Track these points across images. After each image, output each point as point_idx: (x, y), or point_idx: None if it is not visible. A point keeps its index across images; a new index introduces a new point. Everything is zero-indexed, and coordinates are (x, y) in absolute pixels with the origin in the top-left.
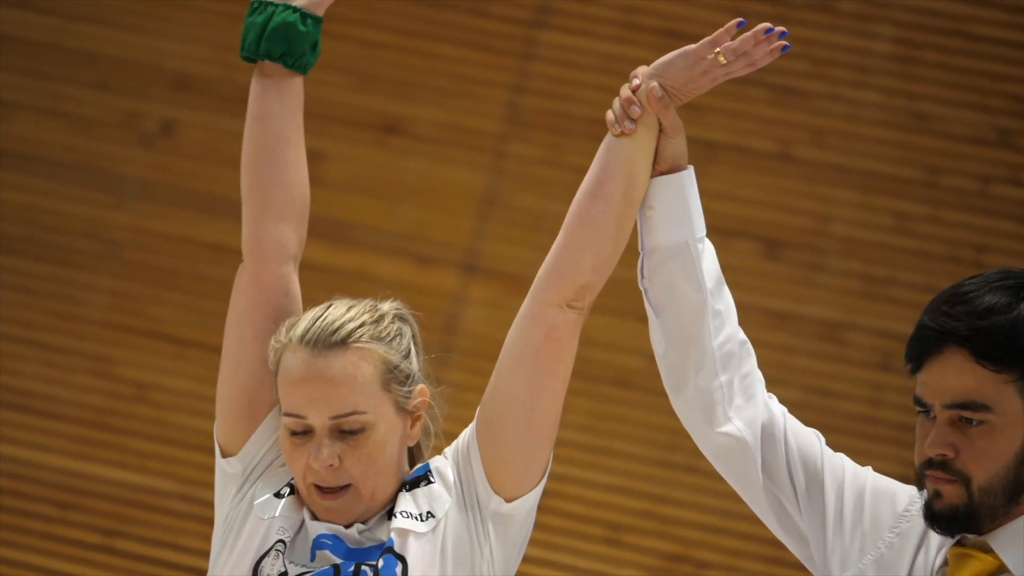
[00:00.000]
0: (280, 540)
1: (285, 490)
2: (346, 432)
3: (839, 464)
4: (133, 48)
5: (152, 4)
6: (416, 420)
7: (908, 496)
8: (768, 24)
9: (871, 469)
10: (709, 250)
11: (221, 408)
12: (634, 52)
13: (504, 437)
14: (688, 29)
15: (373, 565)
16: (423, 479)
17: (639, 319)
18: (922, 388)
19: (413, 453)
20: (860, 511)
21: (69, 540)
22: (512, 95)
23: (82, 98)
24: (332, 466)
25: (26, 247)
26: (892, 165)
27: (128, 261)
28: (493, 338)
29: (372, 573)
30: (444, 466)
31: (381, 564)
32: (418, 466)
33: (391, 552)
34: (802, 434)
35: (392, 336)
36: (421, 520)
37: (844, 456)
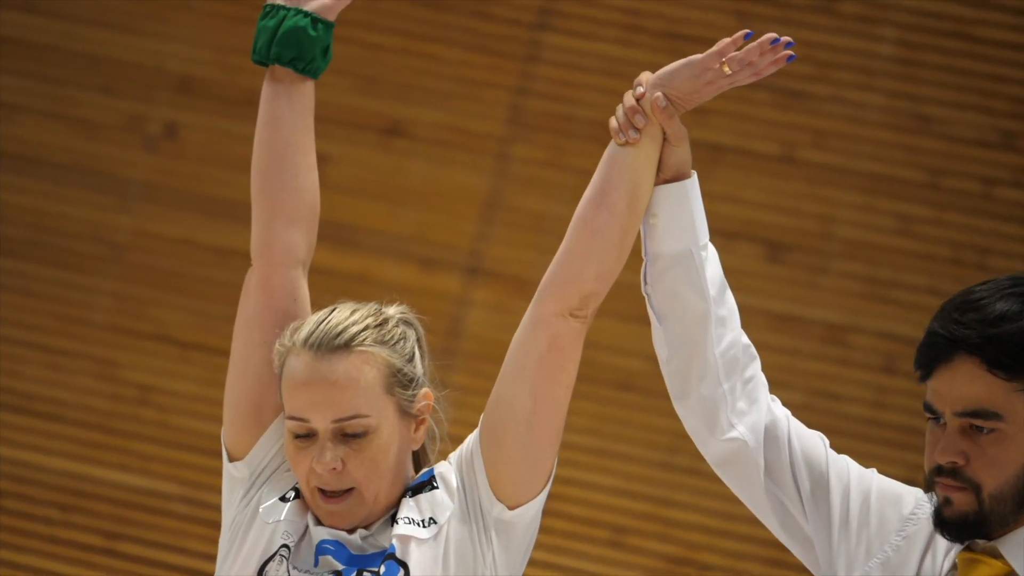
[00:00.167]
0: (284, 545)
1: (290, 494)
2: (349, 436)
3: (844, 466)
4: (136, 51)
5: (155, 7)
6: (420, 424)
7: (914, 499)
8: (774, 34)
9: (876, 471)
10: (712, 256)
11: (228, 412)
12: (637, 54)
13: (507, 444)
14: (691, 31)
15: (375, 571)
16: (427, 485)
17: (642, 322)
18: (932, 395)
19: (418, 457)
20: (866, 514)
21: (72, 543)
22: (515, 97)
23: (85, 101)
24: (335, 469)
25: (29, 250)
26: (895, 167)
27: (131, 264)
28: (496, 340)
29: None
30: (448, 472)
31: (383, 570)
32: (423, 471)
33: (393, 558)
34: (806, 437)
35: (396, 340)
36: (423, 526)
37: (848, 458)
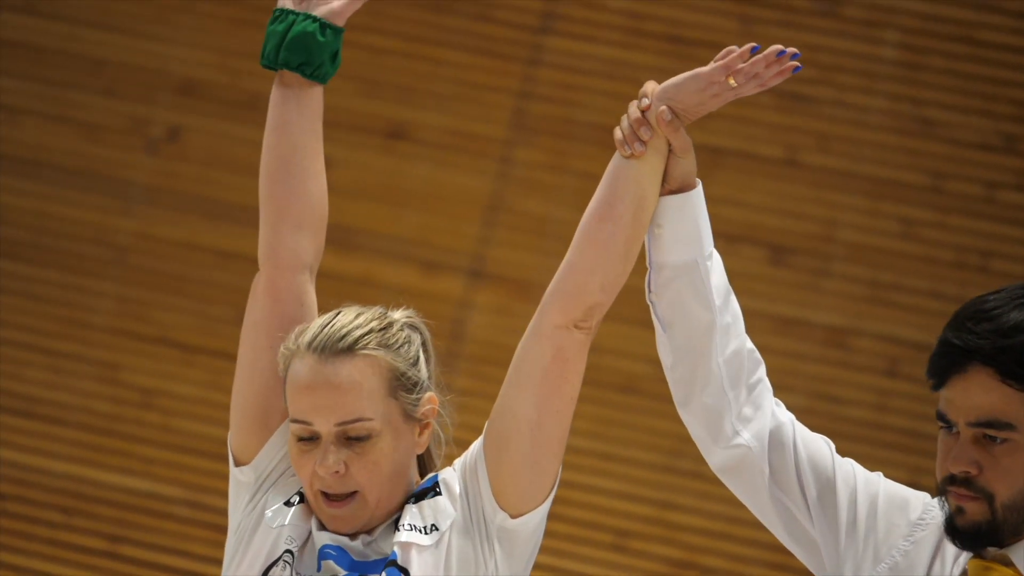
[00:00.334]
0: (288, 550)
1: (295, 498)
2: (352, 439)
3: (850, 470)
4: (139, 54)
5: (157, 9)
6: (424, 428)
7: (922, 504)
8: (780, 47)
9: (881, 475)
10: (717, 264)
11: (235, 416)
12: (639, 58)
13: (510, 454)
14: (693, 35)
15: None
16: (430, 491)
17: (646, 326)
18: (945, 404)
19: (423, 461)
20: (874, 518)
21: (75, 546)
22: (518, 101)
23: (88, 104)
24: (338, 472)
25: (32, 252)
26: (898, 171)
27: (134, 267)
28: (499, 344)
29: None
30: (452, 478)
31: None
32: (427, 477)
33: (394, 565)
34: (811, 441)
35: (400, 344)
36: (425, 533)
37: (853, 462)
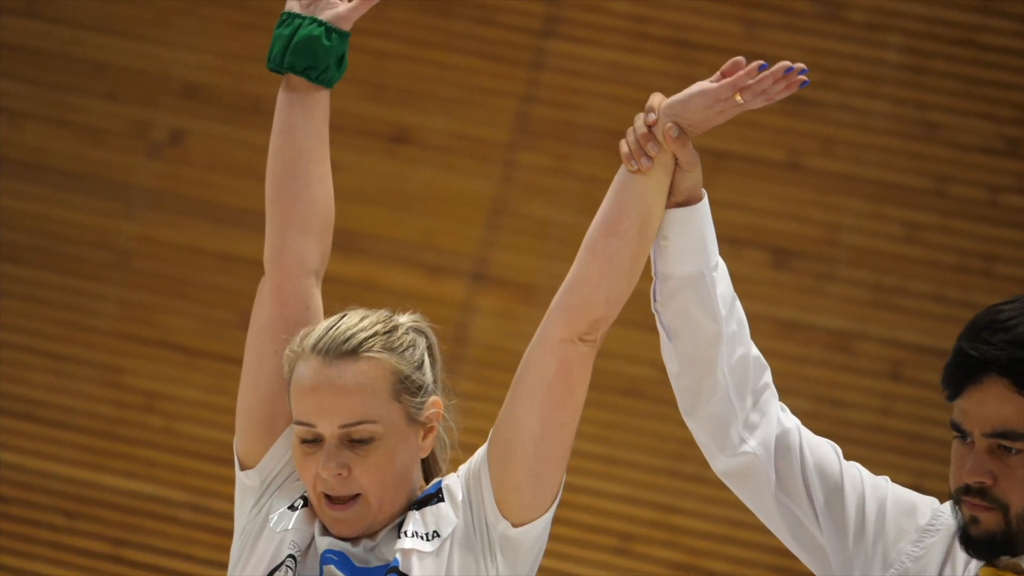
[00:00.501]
0: (291, 555)
1: (299, 502)
2: (355, 441)
3: (857, 475)
4: (141, 57)
5: (160, 13)
6: (428, 432)
7: (931, 509)
8: (787, 63)
9: (888, 479)
10: (723, 273)
11: (240, 421)
12: (643, 62)
13: (513, 464)
14: (697, 39)
15: None
16: (433, 497)
17: (650, 330)
18: (960, 415)
19: (429, 465)
20: (882, 523)
21: (77, 549)
22: (521, 104)
23: (90, 107)
24: (341, 475)
25: (34, 256)
26: (902, 175)
27: (136, 270)
28: (502, 347)
29: None
30: (455, 485)
31: None
32: (432, 483)
33: (396, 572)
34: (818, 447)
35: (405, 347)
36: (427, 539)
37: (860, 466)
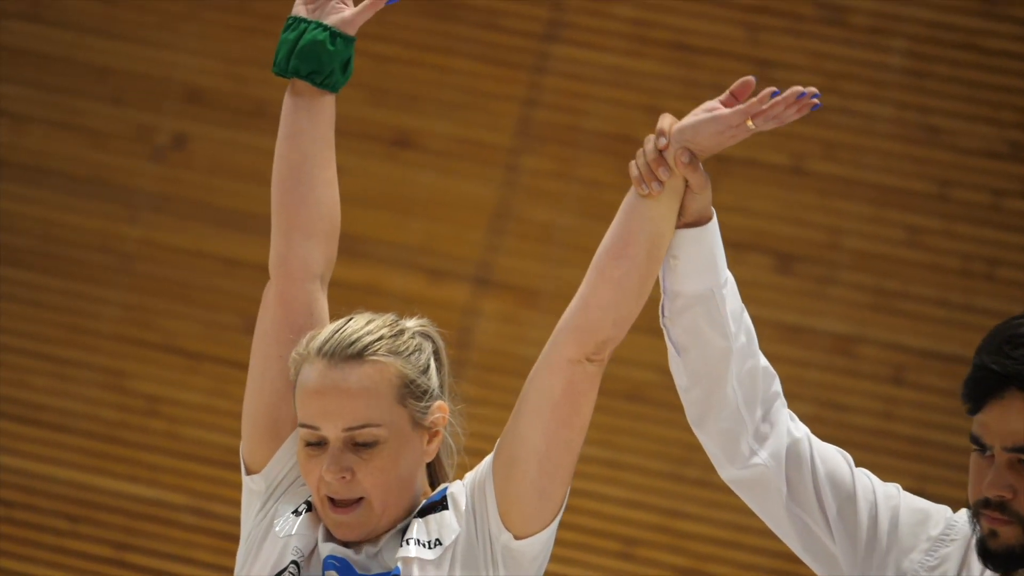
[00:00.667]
0: (294, 562)
1: (303, 507)
2: (359, 445)
3: (868, 484)
4: (145, 61)
5: (163, 17)
6: (433, 436)
7: (944, 519)
8: (800, 88)
9: (899, 487)
10: (732, 289)
11: (246, 425)
12: (645, 65)
13: (517, 479)
14: (699, 43)
15: None
16: (438, 505)
17: (653, 333)
18: (981, 428)
19: (434, 470)
20: (895, 533)
21: (80, 554)
22: (524, 108)
23: (94, 111)
24: (344, 478)
25: (38, 260)
26: (904, 179)
27: (140, 274)
28: (505, 352)
29: None
30: (460, 493)
31: None
32: (437, 490)
33: None
34: (829, 457)
35: (411, 351)
36: (429, 547)
37: (869, 473)
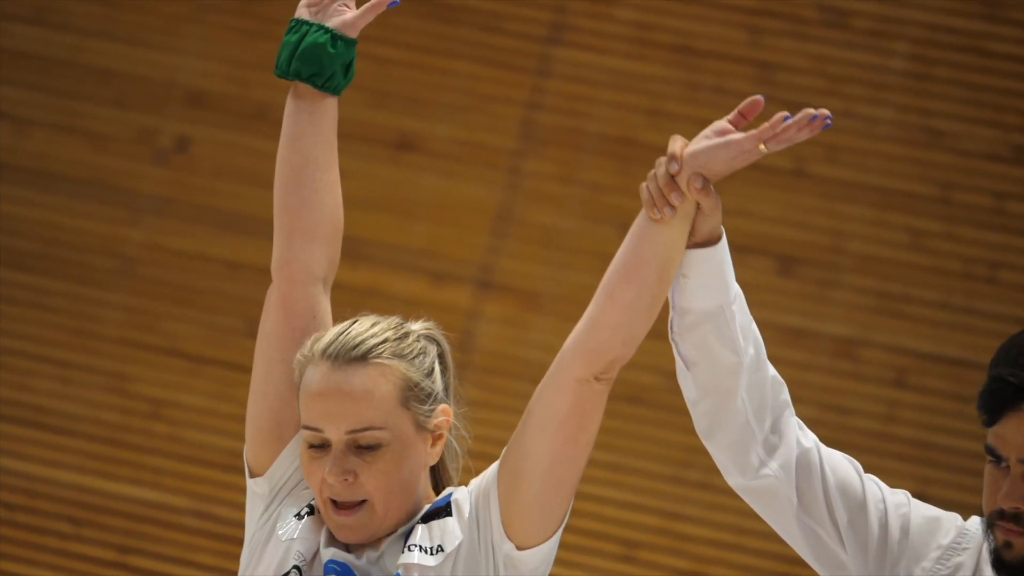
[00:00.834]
0: (295, 566)
1: (305, 511)
2: (362, 447)
3: (878, 492)
4: (148, 64)
5: (166, 20)
6: (437, 440)
7: (955, 527)
8: (811, 111)
9: (908, 494)
10: (741, 304)
11: (249, 428)
12: (648, 69)
13: (520, 491)
14: (702, 46)
15: None
16: (443, 511)
17: (654, 336)
18: (997, 440)
19: (438, 474)
20: (906, 541)
21: (83, 557)
22: (526, 112)
23: (97, 114)
24: (347, 480)
25: (40, 263)
26: (906, 182)
27: (143, 277)
28: (507, 355)
29: None
30: (464, 499)
31: None
32: (442, 495)
33: None
34: (838, 466)
35: (415, 354)
36: (431, 554)
37: (878, 480)
